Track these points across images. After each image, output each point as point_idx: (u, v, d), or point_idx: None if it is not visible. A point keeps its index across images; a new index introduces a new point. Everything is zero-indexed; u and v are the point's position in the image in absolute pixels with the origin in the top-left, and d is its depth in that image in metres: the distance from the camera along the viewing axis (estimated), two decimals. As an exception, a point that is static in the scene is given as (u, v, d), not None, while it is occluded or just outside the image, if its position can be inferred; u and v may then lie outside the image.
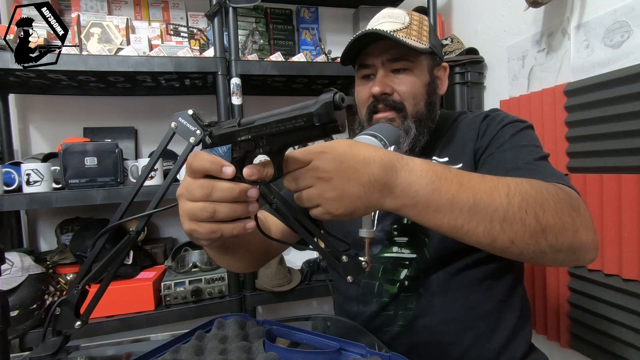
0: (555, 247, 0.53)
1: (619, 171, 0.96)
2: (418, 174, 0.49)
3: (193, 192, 0.46)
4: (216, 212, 0.46)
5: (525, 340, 0.76)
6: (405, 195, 0.49)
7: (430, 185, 0.49)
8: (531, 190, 0.53)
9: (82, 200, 1.18)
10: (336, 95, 0.40)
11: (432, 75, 0.80)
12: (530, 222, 0.51)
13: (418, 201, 0.49)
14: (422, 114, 0.77)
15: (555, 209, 0.53)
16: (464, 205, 0.49)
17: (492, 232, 0.50)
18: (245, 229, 0.48)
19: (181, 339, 0.63)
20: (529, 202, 0.51)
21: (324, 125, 0.40)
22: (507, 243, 0.51)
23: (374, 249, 0.78)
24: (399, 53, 0.75)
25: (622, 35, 0.97)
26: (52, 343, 0.58)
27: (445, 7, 1.73)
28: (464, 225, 0.50)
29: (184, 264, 1.40)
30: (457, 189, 0.50)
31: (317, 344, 0.61)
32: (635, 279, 0.93)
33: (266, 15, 1.73)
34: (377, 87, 0.75)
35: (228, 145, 0.48)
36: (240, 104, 1.33)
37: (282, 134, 0.43)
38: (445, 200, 0.49)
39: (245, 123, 0.46)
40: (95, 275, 0.57)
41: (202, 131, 0.51)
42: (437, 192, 0.49)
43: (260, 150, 0.46)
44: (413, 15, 0.78)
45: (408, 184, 0.49)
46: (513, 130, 0.72)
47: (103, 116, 1.60)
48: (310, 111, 0.40)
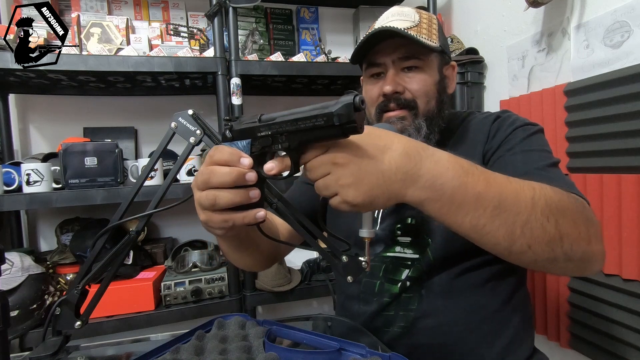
0: (569, 255, 0.52)
1: (619, 171, 0.96)
2: (445, 165, 0.47)
3: (197, 180, 0.48)
4: (217, 199, 0.47)
5: (528, 343, 0.76)
6: (430, 188, 0.46)
7: (457, 179, 0.47)
8: (554, 196, 0.52)
9: (82, 200, 1.18)
10: (356, 98, 0.40)
11: (442, 74, 0.79)
12: (550, 229, 0.50)
13: (443, 195, 0.46)
14: (433, 112, 0.77)
15: (574, 218, 0.52)
16: (488, 204, 0.48)
17: (512, 236, 0.49)
18: (255, 218, 0.49)
19: (181, 339, 0.63)
20: (552, 208, 0.51)
21: (343, 125, 0.41)
22: (524, 247, 0.50)
23: (376, 247, 0.78)
24: (409, 51, 0.74)
25: (622, 35, 0.97)
26: (52, 343, 0.59)
27: (445, 7, 1.73)
28: (485, 225, 0.48)
29: (184, 264, 1.40)
30: (484, 186, 0.48)
31: (317, 344, 0.61)
32: (635, 279, 0.93)
33: (266, 15, 1.73)
34: (388, 85, 0.74)
35: (248, 140, 0.49)
36: (240, 104, 1.33)
37: (301, 132, 0.44)
38: (470, 196, 0.47)
39: (266, 119, 0.47)
40: (95, 275, 0.57)
41: (225, 123, 0.51)
42: (463, 187, 0.47)
43: (279, 147, 0.47)
44: (422, 13, 0.77)
45: (433, 175, 0.46)
46: (524, 134, 0.71)
47: (103, 116, 1.60)
48: (331, 111, 0.41)
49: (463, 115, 0.84)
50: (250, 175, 0.47)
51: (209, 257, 1.43)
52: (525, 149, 0.69)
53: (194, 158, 1.36)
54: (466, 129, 0.80)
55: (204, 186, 0.48)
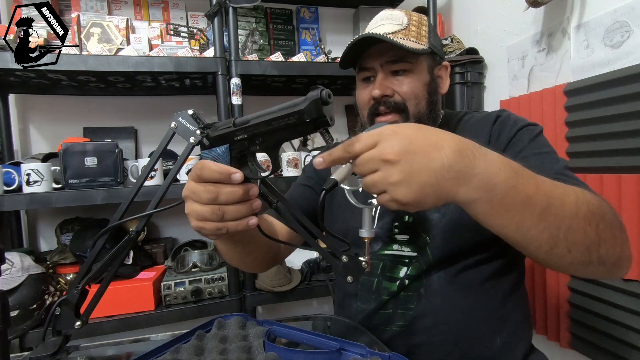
0: (603, 259, 0.52)
1: (619, 171, 0.96)
2: (497, 166, 0.46)
3: (200, 196, 0.49)
4: (225, 215, 0.49)
5: (526, 341, 0.76)
6: (483, 188, 0.45)
7: (508, 180, 0.46)
8: (595, 201, 0.53)
9: (82, 200, 1.18)
10: (323, 92, 0.42)
11: (433, 75, 0.79)
12: (591, 233, 0.50)
13: (494, 196, 0.46)
14: (424, 114, 0.77)
15: (612, 223, 0.53)
16: (536, 208, 0.47)
17: (555, 239, 0.49)
18: (248, 225, 0.50)
19: (181, 339, 0.63)
20: (594, 213, 0.51)
21: (315, 120, 0.43)
22: (564, 252, 0.50)
23: (374, 245, 0.78)
24: (397, 55, 0.75)
25: (622, 35, 0.97)
26: (52, 343, 0.59)
27: (445, 7, 1.73)
28: (531, 228, 0.48)
29: (184, 264, 1.40)
30: (534, 189, 0.47)
31: (317, 344, 0.61)
32: (635, 279, 0.93)
33: (266, 15, 1.73)
34: (377, 90, 0.75)
35: (226, 145, 0.50)
36: (240, 104, 1.33)
37: (276, 132, 0.46)
38: (520, 199, 0.46)
39: (240, 123, 0.48)
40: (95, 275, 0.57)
41: (201, 132, 0.52)
42: (514, 189, 0.46)
43: (257, 148, 0.49)
44: (412, 15, 0.78)
45: (487, 175, 0.45)
46: (530, 135, 0.72)
47: (103, 116, 1.60)
48: (301, 109, 0.43)
49: (460, 115, 0.84)
50: (254, 190, 0.49)
51: (209, 257, 1.43)
52: (536, 152, 0.69)
53: (194, 158, 1.36)
54: (464, 129, 0.80)
55: (210, 202, 0.49)
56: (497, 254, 0.72)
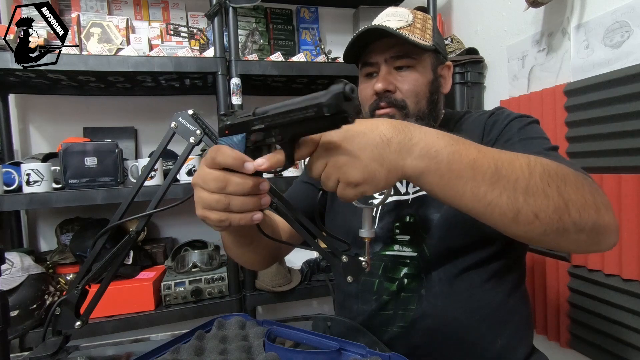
0: (579, 225, 0.51)
1: (619, 171, 0.96)
2: (434, 135, 0.48)
3: (209, 184, 0.48)
4: (230, 205, 0.47)
5: (527, 342, 0.76)
6: (426, 156, 0.47)
7: (449, 146, 0.48)
8: (552, 163, 0.52)
9: (82, 200, 1.18)
10: (346, 86, 0.38)
11: (436, 74, 0.79)
12: (553, 194, 0.49)
13: (440, 163, 0.47)
14: (424, 112, 0.77)
15: (576, 185, 0.51)
16: (485, 171, 0.48)
17: (516, 204, 0.48)
18: (252, 220, 0.49)
19: (181, 339, 0.63)
20: (551, 174, 0.50)
21: (333, 116, 0.39)
22: (531, 217, 0.49)
23: (375, 246, 0.78)
24: (402, 50, 0.75)
25: (622, 35, 0.96)
26: (52, 343, 0.59)
27: (445, 7, 1.73)
28: (487, 193, 0.48)
29: (184, 264, 1.40)
30: (476, 153, 0.48)
31: (317, 344, 0.61)
32: (635, 279, 0.93)
33: (266, 15, 1.73)
34: (380, 83, 0.75)
35: (242, 134, 0.48)
36: (240, 104, 1.33)
37: (293, 124, 0.43)
38: (466, 164, 0.47)
39: (260, 113, 0.47)
40: (95, 275, 0.57)
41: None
42: (457, 155, 0.47)
43: (273, 140, 0.46)
44: (417, 13, 0.78)
45: (426, 143, 0.47)
46: (520, 124, 0.72)
47: (103, 116, 1.60)
48: (321, 101, 0.39)
49: (459, 115, 0.84)
50: (265, 185, 0.48)
51: (209, 257, 1.43)
52: (522, 138, 0.69)
53: (194, 158, 1.36)
54: (462, 128, 0.80)
55: (218, 191, 0.48)
56: (497, 254, 0.72)
